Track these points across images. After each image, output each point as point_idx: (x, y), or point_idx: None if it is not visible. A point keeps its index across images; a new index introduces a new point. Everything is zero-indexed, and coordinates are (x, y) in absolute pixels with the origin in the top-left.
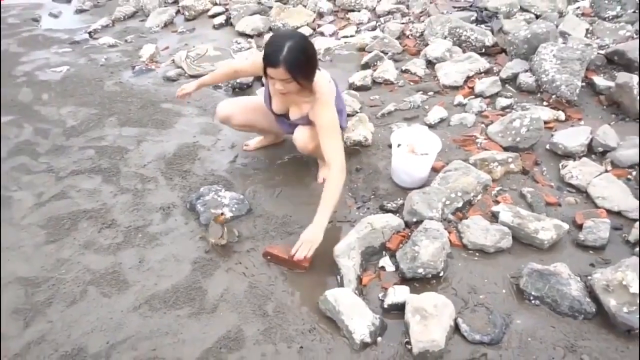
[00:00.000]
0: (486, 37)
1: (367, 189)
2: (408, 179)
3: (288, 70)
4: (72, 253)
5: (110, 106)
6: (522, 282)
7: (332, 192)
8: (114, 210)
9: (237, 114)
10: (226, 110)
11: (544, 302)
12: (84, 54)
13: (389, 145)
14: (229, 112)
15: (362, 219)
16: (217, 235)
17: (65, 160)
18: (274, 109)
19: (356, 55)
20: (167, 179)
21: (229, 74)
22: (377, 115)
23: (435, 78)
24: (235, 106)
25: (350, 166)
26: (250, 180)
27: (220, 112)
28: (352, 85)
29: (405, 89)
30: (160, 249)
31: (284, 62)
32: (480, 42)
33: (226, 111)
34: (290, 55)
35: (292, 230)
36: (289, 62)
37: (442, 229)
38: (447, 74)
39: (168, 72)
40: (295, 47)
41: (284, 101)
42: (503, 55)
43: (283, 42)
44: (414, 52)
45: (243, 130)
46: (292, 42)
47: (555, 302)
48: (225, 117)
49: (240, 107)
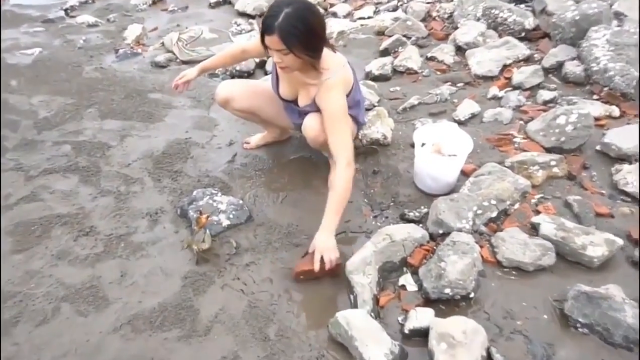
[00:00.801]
0: (526, 19)
1: (385, 195)
2: (433, 184)
3: (282, 39)
4: (43, 264)
5: (89, 95)
6: (567, 307)
7: (340, 191)
8: (92, 216)
9: (239, 97)
10: (227, 91)
11: (593, 330)
12: (59, 35)
13: (412, 144)
14: (230, 93)
15: (380, 230)
16: (199, 239)
17: (37, 157)
18: (281, 93)
19: (374, 40)
20: (155, 181)
21: (236, 55)
22: (397, 110)
23: (465, 67)
24: (238, 87)
25: (366, 168)
26: (251, 183)
27: (220, 93)
28: (370, 74)
29: (430, 80)
30: (145, 261)
31: (279, 29)
32: (519, 24)
33: (227, 92)
34: (285, 23)
35: (299, 241)
36: (284, 29)
37: (472, 242)
38: (480, 62)
39: (157, 57)
40: (293, 14)
41: (292, 84)
42: (546, 40)
43: (282, 7)
44: (442, 37)
45: (244, 118)
46: (291, 8)
47: (606, 331)
48: (226, 99)
49: (244, 89)
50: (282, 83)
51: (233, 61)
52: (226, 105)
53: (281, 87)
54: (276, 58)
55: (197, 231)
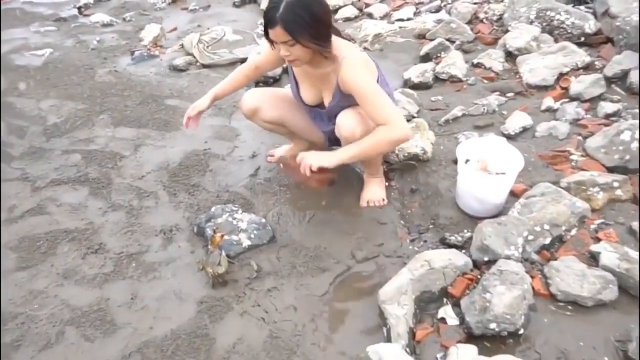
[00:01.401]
0: (586, 22)
1: (424, 217)
2: (478, 206)
3: (286, 28)
4: (48, 283)
5: (102, 100)
6: (631, 348)
7: (376, 137)
8: (102, 232)
9: (267, 106)
10: (254, 101)
11: None
12: (71, 35)
13: (454, 160)
14: (257, 103)
15: (418, 255)
16: (214, 261)
17: (45, 166)
18: (305, 99)
19: (414, 44)
20: (170, 195)
21: (249, 74)
22: (439, 122)
23: (516, 75)
24: (265, 97)
25: (403, 186)
26: (275, 200)
27: (246, 103)
28: (408, 82)
29: (476, 89)
30: (158, 283)
31: (281, 20)
32: (578, 28)
33: (254, 102)
34: (287, 12)
35: (327, 265)
36: (287, 19)
37: (522, 272)
38: (532, 70)
39: (175, 60)
40: (294, 2)
41: (313, 83)
42: (609, 46)
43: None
44: (490, 41)
45: (271, 130)
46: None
47: None
48: (253, 109)
49: (272, 98)
50: (302, 87)
51: (247, 81)
52: (253, 116)
53: (302, 92)
54: (284, 51)
55: (212, 251)
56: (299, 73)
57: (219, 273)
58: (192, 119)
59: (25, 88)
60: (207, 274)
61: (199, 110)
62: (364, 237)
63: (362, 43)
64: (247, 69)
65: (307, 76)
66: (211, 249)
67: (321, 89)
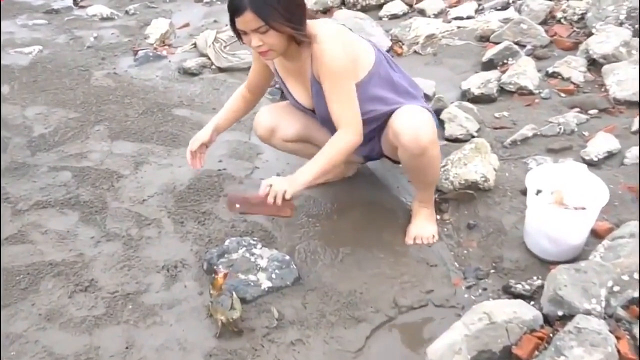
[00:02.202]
0: None
1: (483, 258)
2: (551, 247)
3: (256, 12)
4: (28, 326)
5: (98, 109)
6: None
7: (333, 149)
8: (94, 266)
9: (286, 123)
10: (269, 120)
11: None
12: (64, 29)
13: (523, 191)
14: (273, 121)
15: (475, 306)
16: (226, 306)
17: (28, 185)
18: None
19: (475, 48)
20: (177, 224)
21: (245, 94)
22: (504, 143)
23: (601, 88)
24: (282, 112)
25: (458, 221)
26: (302, 234)
27: (260, 123)
28: (467, 93)
29: (551, 104)
30: (159, 329)
31: (250, 3)
32: None
33: (269, 121)
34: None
35: (362, 314)
36: (256, 1)
37: (605, 331)
38: (621, 82)
39: (186, 62)
40: None
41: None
42: None
43: None
44: (569, 46)
45: (295, 152)
46: None
47: None
48: (269, 129)
49: (290, 112)
50: (291, 87)
51: (248, 104)
52: (271, 138)
53: (294, 93)
54: (255, 41)
55: (215, 296)
56: (282, 71)
57: (234, 319)
58: (198, 158)
59: (8, 92)
60: (217, 322)
61: (201, 143)
62: (409, 281)
63: (412, 45)
64: (242, 91)
65: (288, 72)
66: (213, 293)
67: (305, 87)
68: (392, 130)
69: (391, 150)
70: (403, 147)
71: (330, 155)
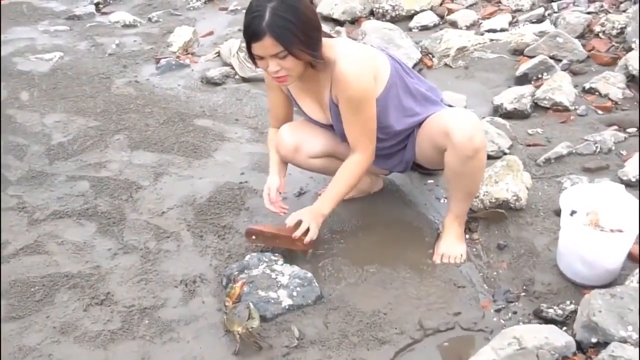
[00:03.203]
0: None
1: (514, 281)
2: (586, 271)
3: (276, 37)
4: (42, 339)
5: (118, 117)
6: None
7: (349, 173)
8: (110, 279)
9: (309, 140)
10: (293, 138)
11: None
12: (85, 36)
13: (557, 211)
14: (297, 139)
15: (505, 330)
16: (244, 316)
17: (45, 194)
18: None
19: (508, 62)
20: (196, 237)
21: (285, 128)
22: (537, 161)
23: None
24: (304, 129)
25: (488, 240)
26: (325, 251)
27: (284, 142)
28: (500, 109)
29: (588, 121)
30: (175, 346)
31: (269, 27)
32: None
33: (293, 139)
34: (275, 18)
35: (387, 337)
36: (276, 25)
37: None
38: None
39: (209, 71)
40: (280, 6)
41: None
42: None
43: (263, 3)
44: (607, 61)
45: (320, 169)
46: (275, 2)
47: None
48: (293, 147)
49: (311, 129)
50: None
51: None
52: (296, 156)
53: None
54: (273, 67)
55: (230, 308)
56: (296, 91)
57: (253, 328)
58: (277, 203)
59: (28, 99)
60: (235, 336)
61: (275, 188)
62: (435, 302)
63: (442, 58)
64: (273, 131)
65: (303, 92)
66: (229, 304)
67: (321, 106)
68: (443, 130)
69: (431, 155)
70: (456, 147)
71: (347, 181)
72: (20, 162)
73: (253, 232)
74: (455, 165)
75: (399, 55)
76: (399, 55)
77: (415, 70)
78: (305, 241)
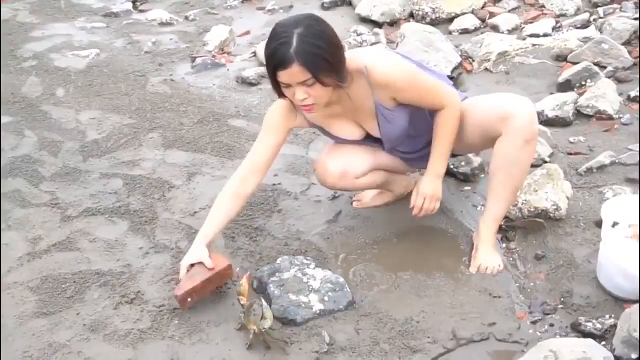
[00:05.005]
0: None
1: (552, 293)
2: (627, 284)
3: (305, 64)
4: (72, 336)
5: (152, 116)
6: None
7: (448, 128)
8: (141, 278)
9: (354, 161)
10: (338, 165)
11: None
12: (122, 34)
13: (597, 222)
14: (342, 164)
15: (541, 343)
16: (257, 315)
17: (79, 191)
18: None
19: (551, 68)
20: (227, 238)
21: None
22: (579, 170)
23: None
24: (343, 151)
25: (525, 250)
26: (358, 256)
27: (329, 172)
28: (541, 115)
29: (632, 130)
30: (204, 347)
31: (298, 55)
32: None
33: (338, 165)
34: (303, 44)
35: (419, 345)
36: (305, 52)
37: None
38: None
39: (245, 71)
40: (307, 32)
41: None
42: None
43: (289, 30)
44: None
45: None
46: (301, 28)
47: None
48: (340, 174)
49: (351, 149)
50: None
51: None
52: (343, 180)
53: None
54: (300, 95)
55: (247, 306)
56: (322, 119)
57: (265, 328)
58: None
59: (63, 95)
60: (249, 332)
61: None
62: (470, 312)
63: (483, 62)
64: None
65: (330, 117)
66: (243, 301)
67: (357, 121)
68: (501, 115)
69: (472, 142)
70: (514, 132)
71: (449, 137)
72: (54, 158)
73: (186, 295)
74: (508, 152)
75: (438, 59)
76: (438, 59)
77: (455, 75)
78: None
